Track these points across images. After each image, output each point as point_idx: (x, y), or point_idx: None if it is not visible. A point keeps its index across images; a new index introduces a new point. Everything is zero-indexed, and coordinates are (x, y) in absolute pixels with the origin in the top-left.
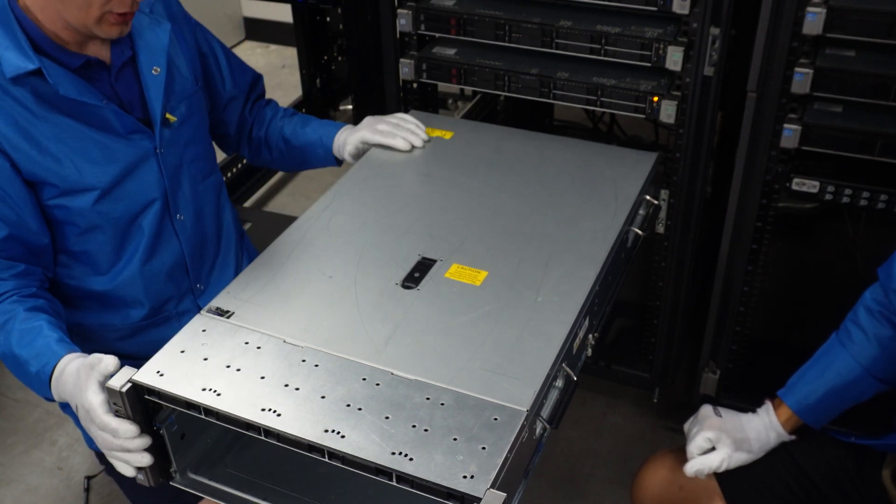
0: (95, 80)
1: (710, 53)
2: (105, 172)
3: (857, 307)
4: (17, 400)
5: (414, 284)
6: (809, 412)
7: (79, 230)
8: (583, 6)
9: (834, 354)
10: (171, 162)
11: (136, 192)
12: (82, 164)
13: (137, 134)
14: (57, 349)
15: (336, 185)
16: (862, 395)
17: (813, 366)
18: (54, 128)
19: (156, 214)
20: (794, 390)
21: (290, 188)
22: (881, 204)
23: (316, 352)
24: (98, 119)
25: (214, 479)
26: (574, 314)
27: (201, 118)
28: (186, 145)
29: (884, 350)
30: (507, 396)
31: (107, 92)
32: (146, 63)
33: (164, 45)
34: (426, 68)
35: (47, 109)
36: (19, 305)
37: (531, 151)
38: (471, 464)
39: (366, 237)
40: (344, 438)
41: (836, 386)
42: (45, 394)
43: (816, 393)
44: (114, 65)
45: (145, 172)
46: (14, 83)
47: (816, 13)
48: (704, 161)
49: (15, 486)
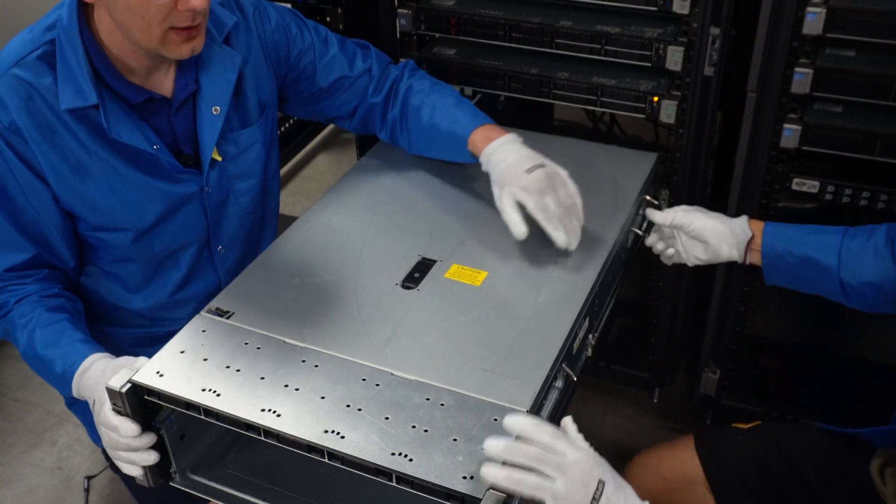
0: (154, 114)
1: (710, 53)
2: (146, 214)
3: (879, 227)
4: (17, 400)
5: (414, 285)
6: (773, 254)
7: (112, 257)
8: (583, 6)
9: (829, 232)
10: (217, 199)
11: (176, 232)
12: (123, 206)
13: (185, 174)
14: (83, 349)
15: (336, 185)
16: (818, 285)
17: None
18: (103, 164)
19: (195, 250)
20: (779, 229)
21: (291, 188)
22: (881, 204)
23: (316, 352)
24: (148, 160)
25: (214, 480)
26: (574, 314)
27: (261, 150)
28: (236, 179)
29: (868, 265)
30: (506, 397)
31: (163, 127)
32: (207, 101)
33: (230, 83)
34: (426, 68)
35: (99, 144)
36: (40, 305)
37: None
38: (471, 464)
39: (366, 237)
40: (343, 439)
41: (808, 256)
42: (66, 392)
43: (791, 241)
44: (175, 99)
45: (188, 212)
46: (71, 114)
47: (816, 13)
48: (704, 161)
49: (15, 486)
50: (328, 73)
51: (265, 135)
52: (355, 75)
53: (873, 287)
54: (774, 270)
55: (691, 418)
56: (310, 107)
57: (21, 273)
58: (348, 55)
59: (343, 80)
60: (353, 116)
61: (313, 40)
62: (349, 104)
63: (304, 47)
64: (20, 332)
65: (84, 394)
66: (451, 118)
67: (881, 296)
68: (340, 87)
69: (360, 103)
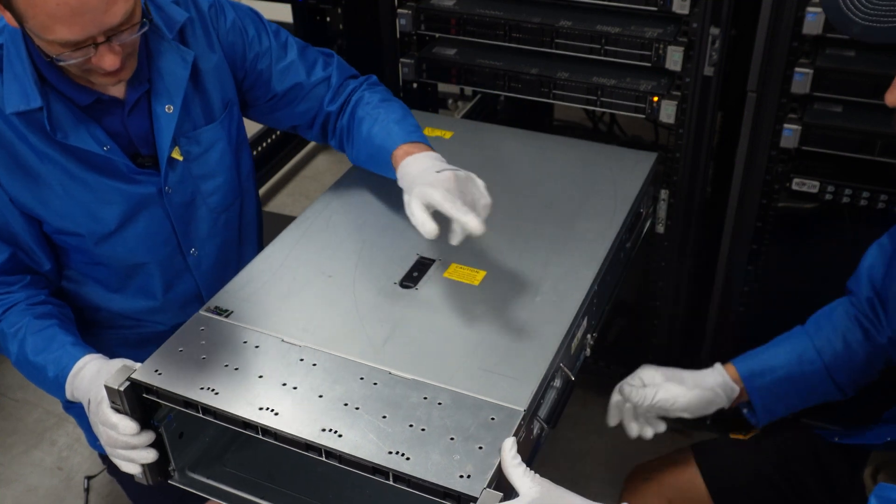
0: (106, 115)
1: (710, 53)
2: (104, 217)
3: (830, 307)
4: (17, 400)
5: (412, 284)
6: (757, 391)
7: (84, 260)
8: (583, 6)
9: (797, 341)
10: (182, 199)
11: (139, 235)
12: (79, 209)
13: (143, 175)
14: (74, 352)
15: (335, 184)
16: (813, 394)
17: (772, 347)
18: (55, 168)
19: (164, 253)
20: (748, 361)
21: (290, 188)
22: (881, 204)
23: (314, 351)
24: (102, 162)
25: (213, 478)
26: (572, 314)
27: (226, 146)
28: (201, 179)
29: (848, 350)
30: (504, 396)
31: (117, 129)
32: (160, 100)
33: (181, 81)
34: (426, 68)
35: (50, 147)
36: (29, 313)
37: (531, 151)
38: (467, 463)
39: (364, 236)
40: (341, 437)
41: (792, 375)
42: (60, 396)
43: (772, 374)
44: (128, 100)
45: (150, 215)
46: (19, 118)
47: (816, 13)
48: (704, 161)
49: (15, 486)
50: (283, 79)
51: (229, 133)
52: (312, 83)
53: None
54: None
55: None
56: (270, 115)
57: (4, 279)
58: (307, 62)
59: (299, 88)
60: (312, 126)
61: (271, 44)
62: (308, 114)
63: (262, 51)
64: (10, 342)
65: (77, 395)
66: (385, 132)
67: None
68: (297, 96)
69: (317, 112)
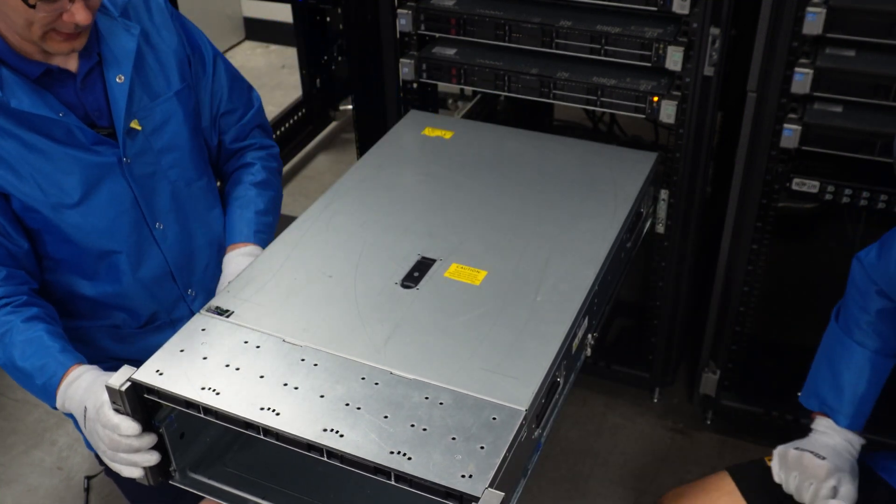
0: (60, 88)
1: (710, 53)
2: (66, 186)
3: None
4: (17, 400)
5: (413, 284)
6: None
7: (54, 239)
8: (583, 6)
9: (858, 357)
10: (142, 171)
11: (104, 205)
12: (43, 181)
13: (102, 145)
14: (63, 360)
15: (336, 184)
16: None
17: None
18: (15, 141)
19: (130, 225)
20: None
21: (290, 188)
22: (881, 204)
23: (315, 351)
24: (60, 131)
25: (214, 478)
26: (573, 314)
27: (184, 121)
28: (162, 152)
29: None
30: (505, 396)
31: (71, 101)
32: (110, 71)
33: (130, 52)
34: (426, 68)
35: (8, 121)
36: (15, 316)
37: (531, 151)
38: (469, 463)
39: (365, 237)
40: (343, 437)
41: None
42: (50, 403)
43: (871, 401)
44: (80, 73)
45: (111, 184)
46: None
47: (816, 13)
48: (704, 161)
49: (15, 486)
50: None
51: (185, 111)
52: (221, 108)
53: None
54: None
55: (691, 418)
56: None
57: None
58: (226, 89)
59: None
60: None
61: (203, 54)
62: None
63: (192, 52)
64: None
65: (70, 405)
66: (234, 222)
67: None
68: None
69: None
